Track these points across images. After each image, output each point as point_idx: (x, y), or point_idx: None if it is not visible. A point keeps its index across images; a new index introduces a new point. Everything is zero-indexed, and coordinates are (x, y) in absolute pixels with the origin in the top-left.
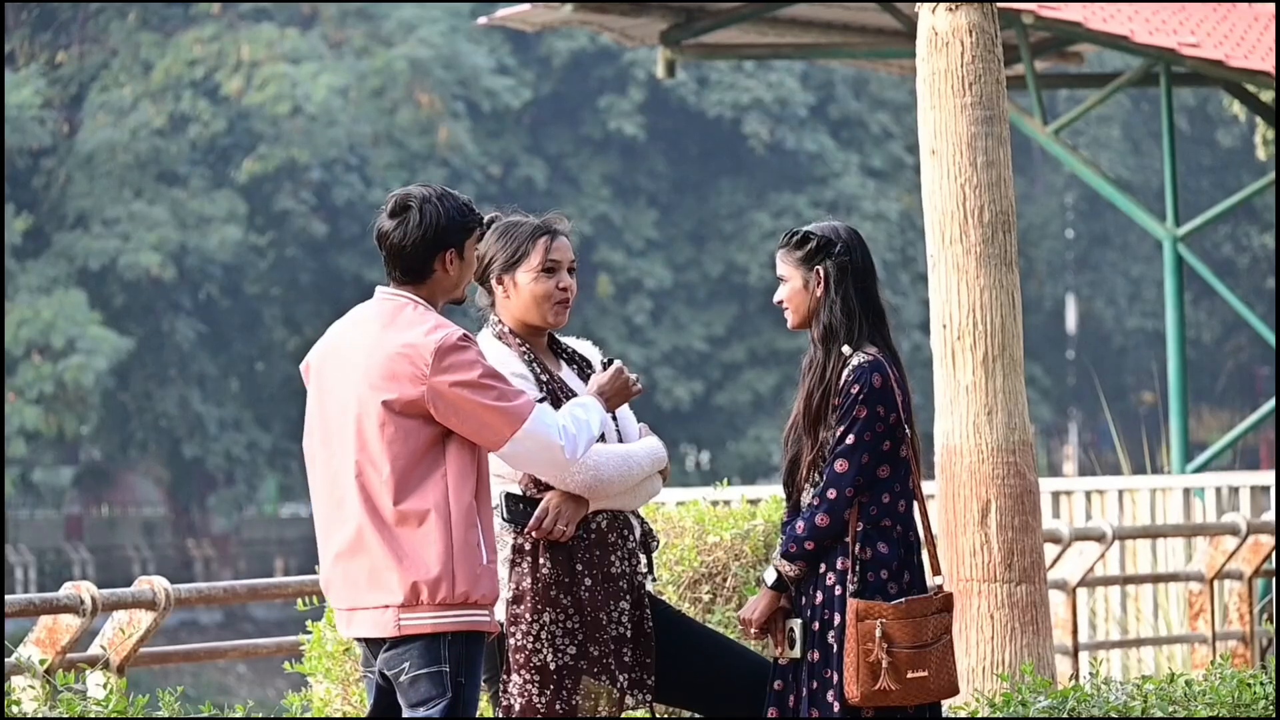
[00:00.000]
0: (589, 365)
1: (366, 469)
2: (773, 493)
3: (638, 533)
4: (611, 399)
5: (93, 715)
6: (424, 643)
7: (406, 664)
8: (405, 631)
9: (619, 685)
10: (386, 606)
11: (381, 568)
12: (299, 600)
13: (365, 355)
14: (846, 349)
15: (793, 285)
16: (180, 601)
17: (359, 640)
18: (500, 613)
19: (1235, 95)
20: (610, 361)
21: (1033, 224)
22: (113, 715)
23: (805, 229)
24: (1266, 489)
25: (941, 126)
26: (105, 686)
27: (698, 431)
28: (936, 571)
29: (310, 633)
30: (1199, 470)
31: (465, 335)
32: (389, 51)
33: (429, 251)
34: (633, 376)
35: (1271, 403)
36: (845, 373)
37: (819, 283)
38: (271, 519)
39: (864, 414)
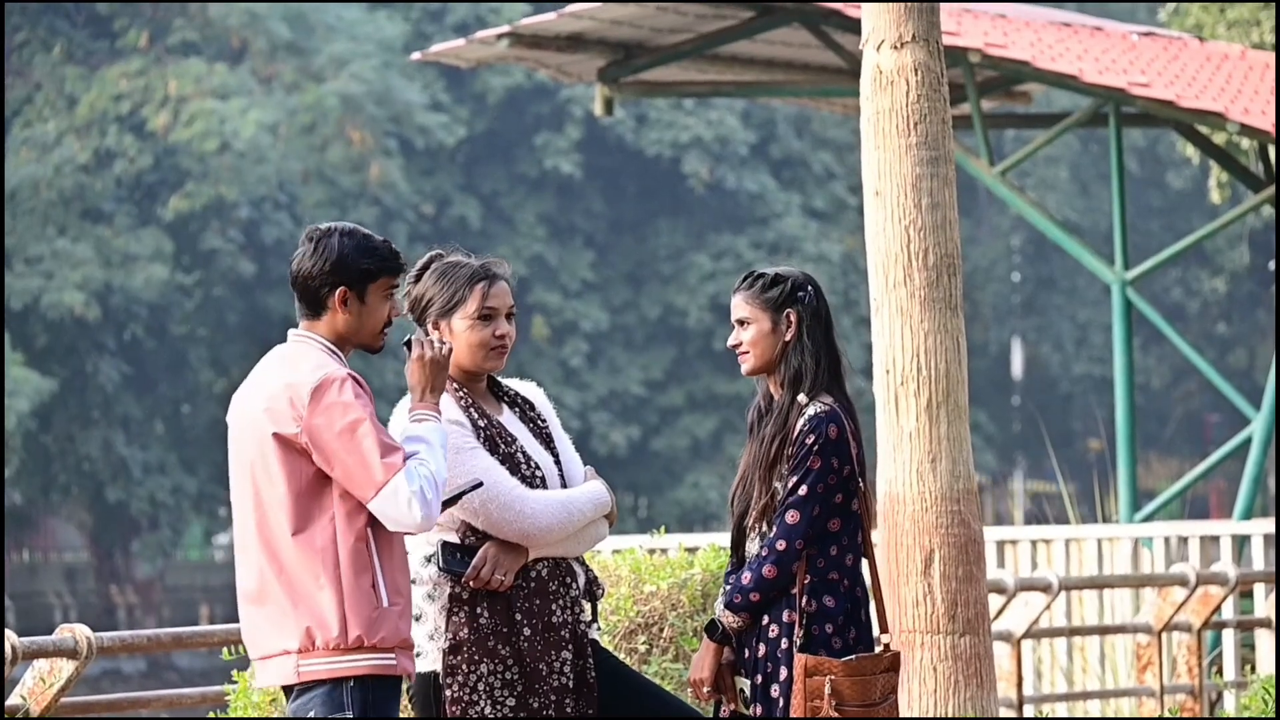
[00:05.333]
0: (532, 408)
1: (262, 515)
2: (711, 541)
3: (581, 580)
4: (433, 387)
5: None
6: (327, 688)
7: (311, 711)
8: (304, 678)
9: None
10: (286, 653)
11: (279, 614)
12: (224, 649)
13: (258, 398)
14: (803, 397)
15: (759, 328)
16: (103, 650)
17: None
18: (436, 662)
19: (1186, 136)
20: (408, 343)
21: (978, 267)
22: None
23: (774, 271)
24: (1216, 539)
25: (885, 167)
26: None
27: (635, 477)
28: (884, 628)
29: (236, 682)
30: (1147, 519)
31: (349, 377)
32: (320, 87)
33: (322, 285)
34: (436, 346)
35: (1221, 451)
36: (801, 422)
37: (789, 327)
38: (197, 565)
39: (818, 465)
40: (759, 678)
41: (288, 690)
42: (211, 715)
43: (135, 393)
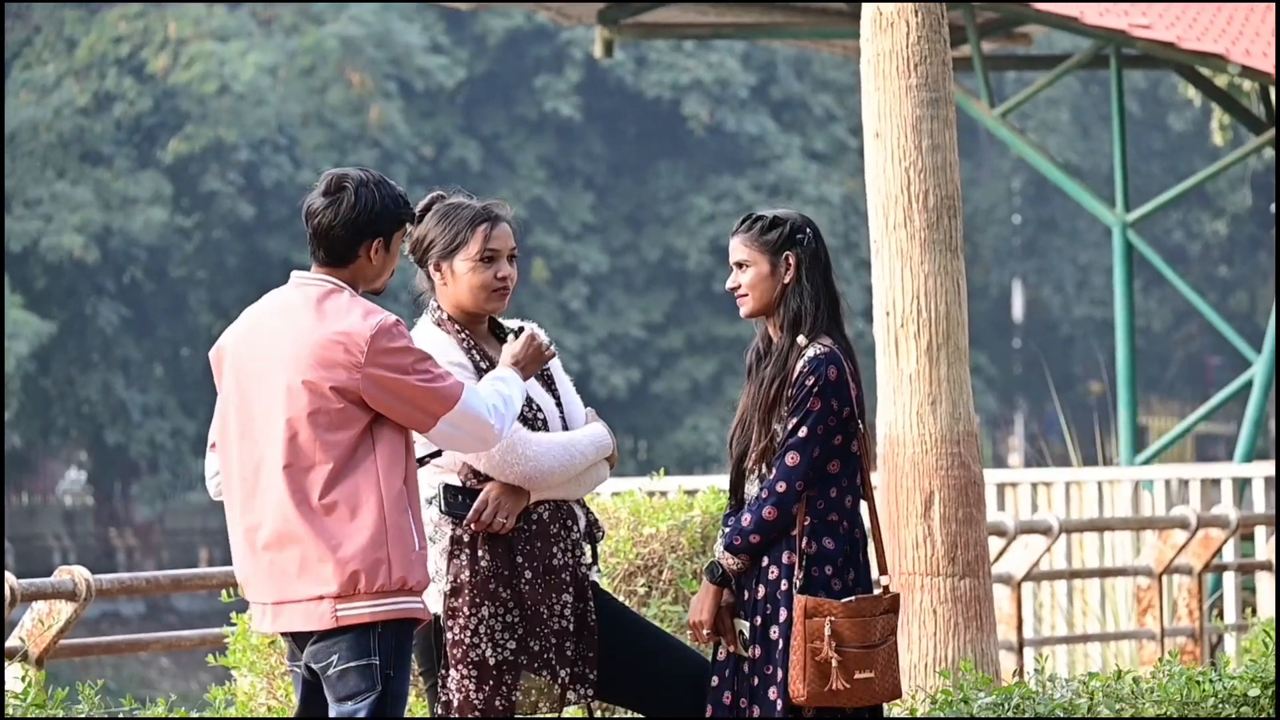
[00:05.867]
0: None
1: (296, 460)
2: (710, 483)
3: (582, 523)
4: (526, 367)
5: (10, 709)
6: (354, 635)
7: (335, 656)
8: (343, 622)
9: (560, 680)
10: (321, 598)
11: (313, 558)
12: (224, 591)
13: (293, 344)
14: (802, 339)
15: (758, 271)
16: (101, 592)
17: (285, 634)
18: (437, 605)
19: (1187, 78)
20: (520, 330)
21: (979, 209)
22: (31, 709)
23: (772, 213)
24: (1217, 482)
25: (886, 109)
26: (23, 679)
27: (634, 420)
28: (884, 570)
29: (235, 625)
30: (1148, 462)
31: (397, 321)
32: (319, 29)
33: (357, 236)
34: (545, 340)
35: (1222, 394)
36: (800, 363)
37: (788, 269)
38: (196, 508)
39: (818, 407)
40: (758, 619)
41: (299, 636)
42: (211, 658)
43: (134, 335)
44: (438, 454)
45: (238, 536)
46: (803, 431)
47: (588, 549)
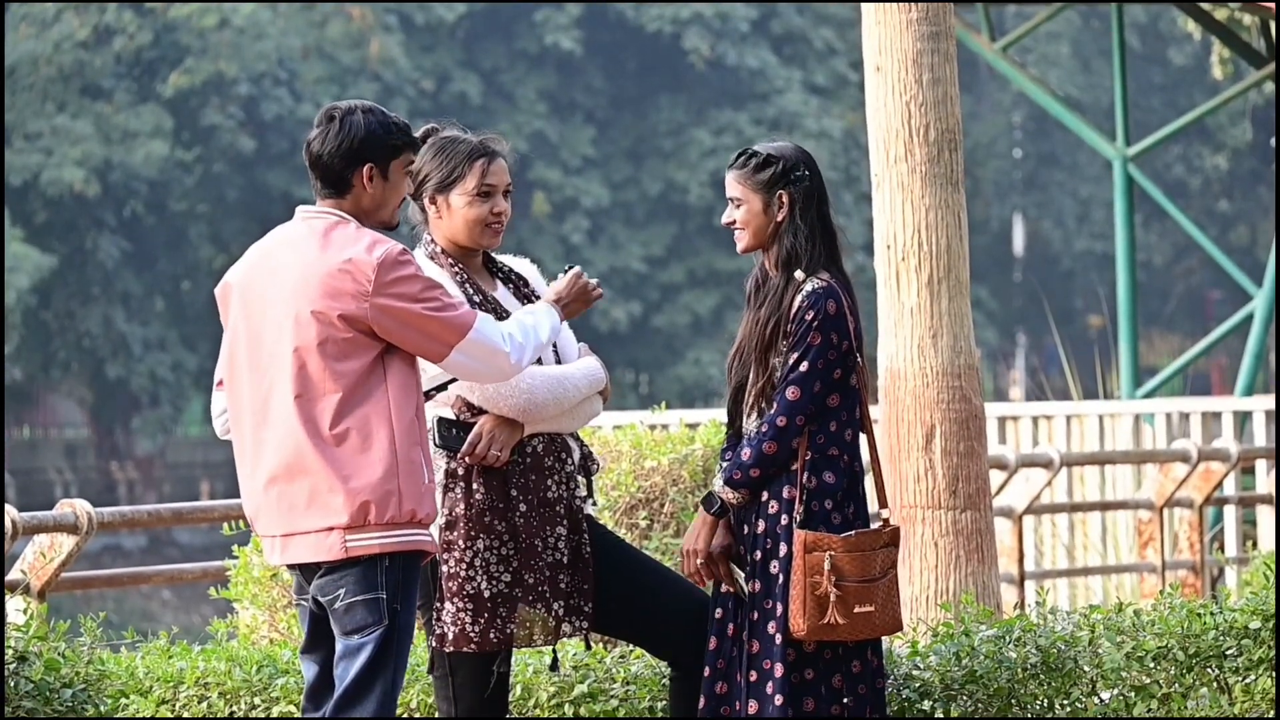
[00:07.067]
0: (525, 284)
1: (305, 390)
2: (711, 417)
3: (576, 456)
4: (570, 305)
5: (12, 642)
6: (361, 568)
7: (342, 590)
8: (353, 553)
9: (554, 613)
10: (330, 529)
11: (323, 489)
12: (225, 525)
13: (300, 275)
14: (800, 275)
15: (751, 208)
16: (103, 525)
17: (292, 567)
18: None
19: (1187, 12)
20: (570, 267)
21: (979, 143)
22: (33, 641)
23: (765, 150)
24: (1218, 415)
25: (886, 42)
26: (25, 612)
27: (635, 354)
28: (883, 504)
29: (236, 558)
30: (1149, 396)
31: (404, 250)
32: None
33: (347, 163)
34: (592, 281)
35: (1223, 328)
36: (799, 299)
37: (781, 207)
38: (197, 441)
39: (818, 341)
40: (758, 554)
41: (306, 569)
42: (212, 591)
43: (135, 269)
44: (444, 387)
45: (246, 470)
46: (803, 366)
47: (583, 482)
